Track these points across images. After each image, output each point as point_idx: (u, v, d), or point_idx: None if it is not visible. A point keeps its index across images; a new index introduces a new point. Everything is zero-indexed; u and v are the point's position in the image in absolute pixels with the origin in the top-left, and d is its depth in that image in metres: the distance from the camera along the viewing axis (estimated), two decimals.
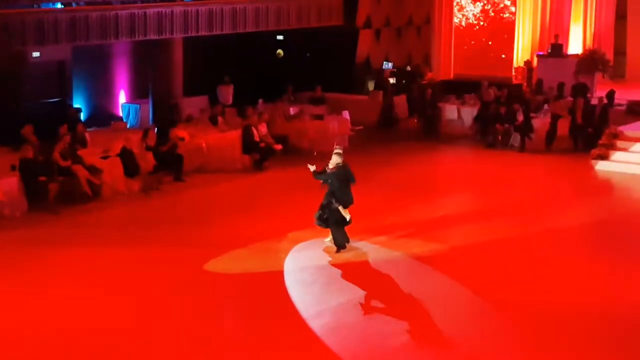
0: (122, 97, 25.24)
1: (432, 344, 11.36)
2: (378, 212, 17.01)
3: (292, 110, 24.02)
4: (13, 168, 17.39)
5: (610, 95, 24.49)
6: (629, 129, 22.19)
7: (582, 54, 27.74)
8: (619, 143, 21.55)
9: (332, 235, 14.80)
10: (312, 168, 14.73)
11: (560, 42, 28.34)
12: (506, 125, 23.36)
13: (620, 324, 11.97)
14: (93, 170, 18.12)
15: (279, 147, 21.43)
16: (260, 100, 24.30)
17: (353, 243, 14.93)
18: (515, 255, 14.96)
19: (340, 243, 14.72)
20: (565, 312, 12.32)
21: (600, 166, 21.14)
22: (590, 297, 12.94)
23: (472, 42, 30.41)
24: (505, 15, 30.11)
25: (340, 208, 14.59)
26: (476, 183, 20.21)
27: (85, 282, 13.51)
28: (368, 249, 14.97)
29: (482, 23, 30.47)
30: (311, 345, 11.33)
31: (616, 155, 21.33)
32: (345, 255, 14.56)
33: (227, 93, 25.28)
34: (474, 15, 30.56)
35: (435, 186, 20.02)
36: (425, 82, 28.02)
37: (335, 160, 14.70)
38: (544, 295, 13.00)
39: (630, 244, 15.70)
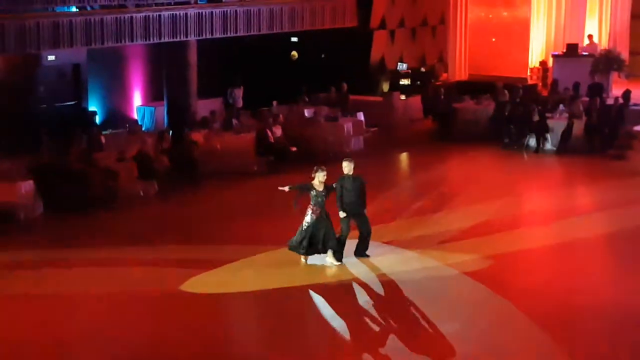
0: (137, 100, 25.28)
1: (441, 343, 11.36)
2: (398, 216, 17.07)
3: (306, 112, 23.99)
4: (29, 171, 17.43)
5: (626, 95, 24.35)
6: None
7: (597, 54, 27.60)
8: None
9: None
10: None
11: (593, 42, 28.14)
12: (522, 126, 23.26)
13: None
14: (108, 173, 18.15)
15: (293, 149, 21.41)
16: (274, 102, 24.27)
17: (374, 245, 14.79)
18: (545, 261, 14.94)
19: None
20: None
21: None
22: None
23: (487, 43, 30.30)
24: (520, 16, 29.99)
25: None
26: (496, 187, 19.80)
27: (100, 285, 13.55)
28: (389, 253, 14.90)
29: (497, 23, 30.37)
30: (329, 345, 11.38)
31: None
32: (364, 259, 14.55)
33: (237, 95, 25.28)
34: (489, 16, 30.47)
35: (455, 190, 19.73)
36: (439, 82, 27.94)
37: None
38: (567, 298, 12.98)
39: None
